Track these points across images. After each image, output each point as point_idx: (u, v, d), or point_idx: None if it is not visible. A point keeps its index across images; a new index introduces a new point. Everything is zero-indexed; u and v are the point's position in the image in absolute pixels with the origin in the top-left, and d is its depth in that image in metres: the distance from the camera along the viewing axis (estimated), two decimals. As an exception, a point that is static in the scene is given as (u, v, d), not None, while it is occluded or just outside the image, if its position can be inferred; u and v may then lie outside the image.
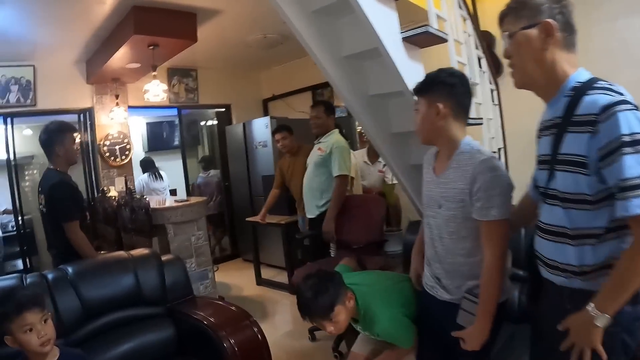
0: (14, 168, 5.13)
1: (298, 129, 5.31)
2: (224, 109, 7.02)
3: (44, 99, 5.00)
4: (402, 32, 2.60)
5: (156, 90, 4.39)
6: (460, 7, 3.27)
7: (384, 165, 4.81)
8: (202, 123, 8.53)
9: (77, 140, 3.24)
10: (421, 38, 2.64)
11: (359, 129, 6.77)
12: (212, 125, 8.15)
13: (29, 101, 4.90)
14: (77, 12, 3.81)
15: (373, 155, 5.09)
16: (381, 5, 2.45)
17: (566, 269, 1.32)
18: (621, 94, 1.18)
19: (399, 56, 2.54)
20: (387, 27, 2.47)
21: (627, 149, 1.11)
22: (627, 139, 1.11)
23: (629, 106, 1.14)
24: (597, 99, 1.19)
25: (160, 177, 6.38)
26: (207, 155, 7.97)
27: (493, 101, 3.66)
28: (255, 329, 2.37)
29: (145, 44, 4.06)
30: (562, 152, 1.27)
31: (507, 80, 1.75)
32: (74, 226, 2.89)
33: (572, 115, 1.24)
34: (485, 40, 3.98)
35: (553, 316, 1.35)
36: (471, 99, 1.85)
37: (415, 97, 1.89)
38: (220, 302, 2.79)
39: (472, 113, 3.07)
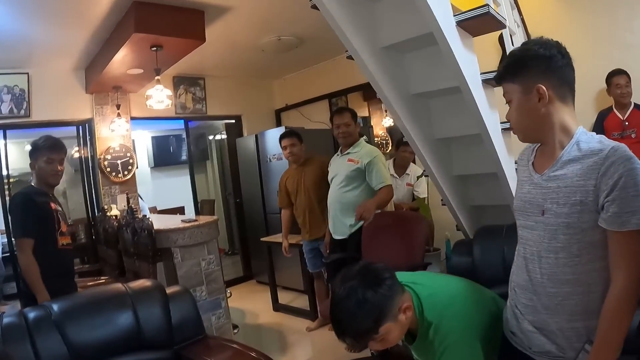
0: (8, 184, 4.71)
1: (316, 140, 4.89)
2: (234, 121, 6.57)
3: (39, 110, 4.57)
4: (456, 15, 2.16)
5: (160, 95, 3.93)
6: (509, -8, 2.84)
7: (420, 177, 4.39)
8: (211, 137, 8.13)
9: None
10: (477, 22, 2.21)
11: (376, 139, 6.38)
12: (222, 139, 7.73)
13: (22, 112, 4.48)
14: (74, 10, 3.43)
15: (400, 168, 4.69)
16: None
17: None
18: None
19: (455, 43, 2.09)
20: (441, 7, 2.02)
21: None
22: None
23: None
24: None
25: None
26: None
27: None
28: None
29: (147, 45, 3.63)
30: None
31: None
32: (24, 245, 2.57)
33: None
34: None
35: None
36: (574, 74, 1.36)
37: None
38: (237, 346, 2.31)
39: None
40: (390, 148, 6.22)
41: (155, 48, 3.68)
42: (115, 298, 2.27)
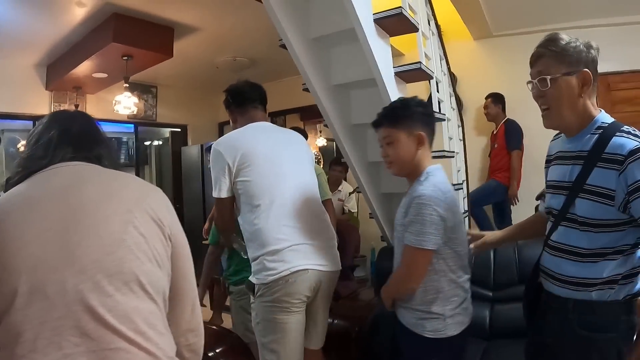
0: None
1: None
2: (179, 129, 6.91)
3: (-2, 101, 4.73)
4: (395, 67, 2.73)
5: (127, 102, 4.28)
6: (439, 47, 3.47)
7: (352, 193, 4.92)
8: (147, 143, 8.29)
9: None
10: (411, 74, 2.78)
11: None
12: (160, 145, 7.96)
13: (-20, 102, 4.60)
14: (54, 10, 3.68)
15: (333, 185, 5.17)
16: (381, 41, 2.58)
17: (576, 282, 1.43)
18: None
19: (391, 88, 2.65)
20: (384, 61, 2.59)
21: None
22: None
23: None
24: (625, 142, 1.33)
25: None
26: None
27: (459, 137, 3.88)
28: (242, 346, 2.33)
29: (119, 54, 3.98)
30: (589, 182, 1.39)
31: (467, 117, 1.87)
32: None
33: (602, 152, 1.36)
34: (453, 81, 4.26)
35: (558, 326, 1.48)
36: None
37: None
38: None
39: (446, 146, 3.30)
40: (321, 164, 6.73)
41: (126, 57, 4.04)
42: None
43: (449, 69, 3.74)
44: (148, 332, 0.96)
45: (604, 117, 1.44)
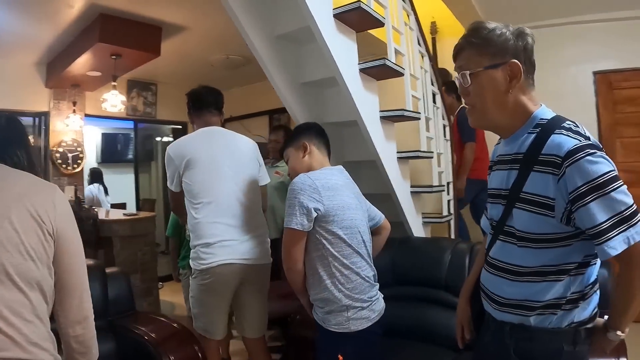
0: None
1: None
2: (180, 126, 6.97)
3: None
4: (360, 64, 2.67)
5: (114, 100, 4.36)
6: (419, 44, 3.40)
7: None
8: (158, 139, 8.41)
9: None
10: (378, 70, 2.72)
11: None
12: (168, 142, 8.03)
13: (-18, 99, 4.74)
14: (46, 12, 3.77)
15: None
16: (342, 36, 2.54)
17: (514, 305, 1.28)
18: (587, 138, 1.15)
19: (355, 86, 2.60)
20: (346, 57, 2.54)
21: (593, 195, 1.09)
22: (592, 184, 1.09)
23: (593, 150, 1.11)
24: (563, 141, 1.14)
25: (106, 190, 6.27)
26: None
27: (445, 136, 3.79)
28: (196, 347, 2.35)
29: (108, 53, 4.05)
30: (525, 190, 1.21)
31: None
32: None
33: (539, 153, 1.18)
34: (443, 77, 4.15)
35: (495, 351, 1.33)
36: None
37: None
38: (162, 318, 2.74)
39: (424, 146, 3.22)
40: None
41: (114, 57, 4.11)
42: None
43: (432, 65, 3.66)
44: (10, 318, 1.06)
45: (544, 113, 1.25)
